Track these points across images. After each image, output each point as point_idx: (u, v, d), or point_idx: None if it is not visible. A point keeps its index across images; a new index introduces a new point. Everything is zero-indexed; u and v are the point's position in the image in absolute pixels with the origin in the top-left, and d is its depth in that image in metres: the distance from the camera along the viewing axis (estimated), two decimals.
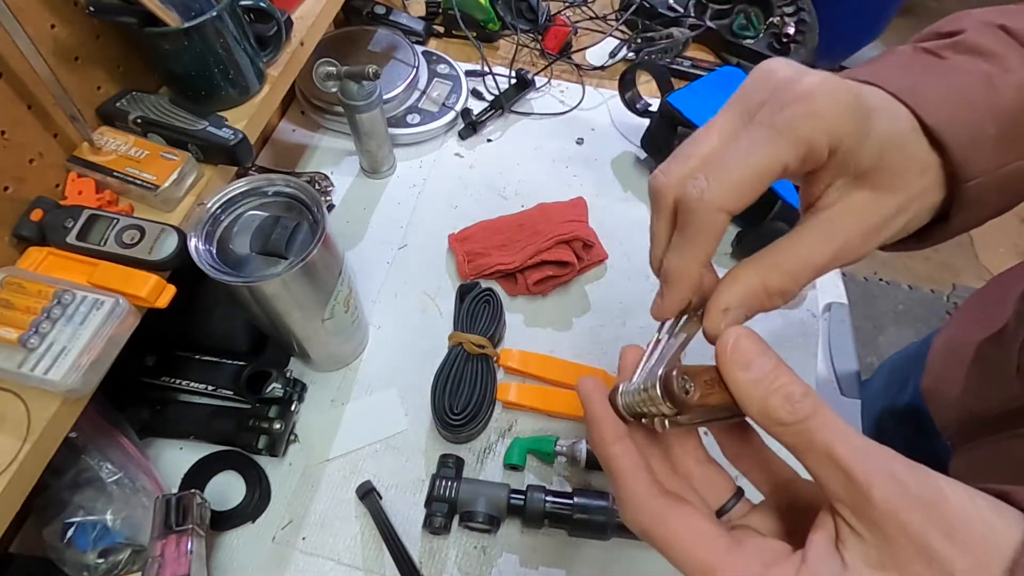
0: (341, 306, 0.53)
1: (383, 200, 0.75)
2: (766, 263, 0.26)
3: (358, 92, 0.66)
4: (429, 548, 0.53)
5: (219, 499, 0.54)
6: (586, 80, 0.88)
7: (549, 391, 0.61)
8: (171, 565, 0.45)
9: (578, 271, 0.68)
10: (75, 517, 0.48)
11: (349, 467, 0.57)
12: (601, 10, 0.95)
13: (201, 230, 0.46)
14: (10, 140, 0.45)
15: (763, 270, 0.26)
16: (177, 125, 0.53)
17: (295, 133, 0.82)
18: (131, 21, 0.48)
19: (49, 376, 0.40)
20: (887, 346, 1.70)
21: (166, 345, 0.59)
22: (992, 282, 0.59)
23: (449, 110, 0.80)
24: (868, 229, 0.26)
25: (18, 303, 0.42)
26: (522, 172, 0.78)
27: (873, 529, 0.20)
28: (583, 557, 0.53)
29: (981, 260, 1.85)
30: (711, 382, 0.24)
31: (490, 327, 0.61)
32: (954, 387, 0.55)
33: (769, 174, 0.24)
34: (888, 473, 0.20)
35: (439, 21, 0.92)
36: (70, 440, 0.46)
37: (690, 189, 0.25)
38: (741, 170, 0.24)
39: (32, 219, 0.46)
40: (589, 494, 0.52)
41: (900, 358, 0.74)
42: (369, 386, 0.62)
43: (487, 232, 0.70)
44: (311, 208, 0.48)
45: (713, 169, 0.25)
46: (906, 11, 2.16)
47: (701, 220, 0.25)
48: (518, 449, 0.56)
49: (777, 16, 0.86)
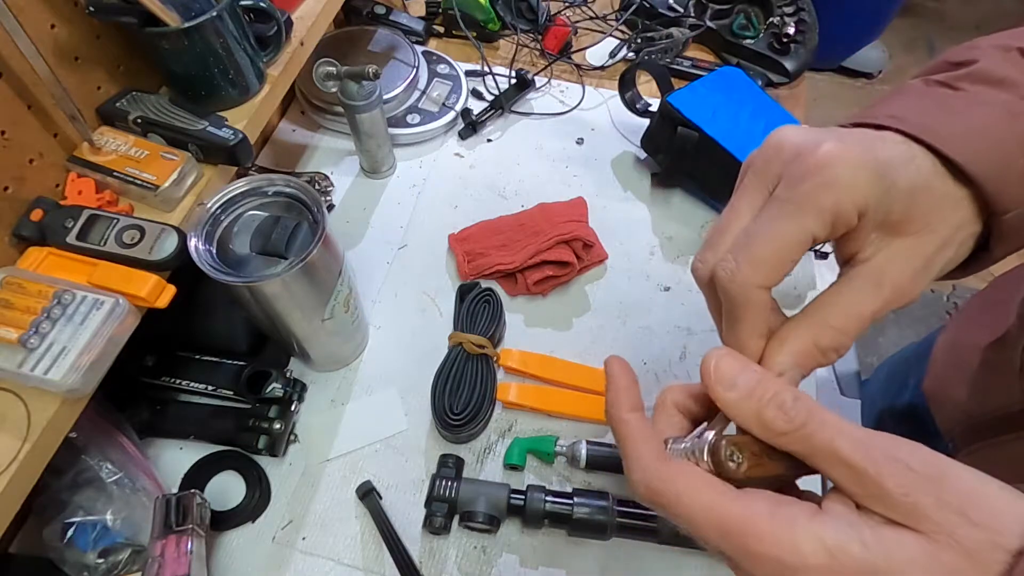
0: (341, 306, 0.53)
1: (383, 200, 0.75)
2: (815, 320, 0.26)
3: (358, 92, 0.66)
4: (429, 548, 0.53)
5: (219, 499, 0.54)
6: (586, 80, 0.88)
7: (549, 391, 0.61)
8: (171, 565, 0.45)
9: (578, 271, 0.68)
10: (75, 517, 0.48)
11: (349, 467, 0.57)
12: (601, 10, 0.95)
13: (201, 230, 0.46)
14: (10, 140, 0.45)
15: (814, 328, 0.26)
16: (177, 125, 0.53)
17: (295, 133, 0.82)
18: (131, 21, 0.48)
19: (49, 376, 0.40)
20: (887, 346, 1.70)
21: (166, 345, 0.59)
22: (994, 283, 0.59)
23: (449, 110, 0.80)
24: (915, 271, 0.26)
25: (18, 303, 0.42)
26: (522, 172, 0.78)
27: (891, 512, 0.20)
28: (583, 557, 0.53)
29: None
30: (759, 454, 0.23)
31: (490, 327, 0.61)
32: (957, 389, 0.55)
33: (798, 246, 0.25)
34: (895, 460, 0.20)
35: (439, 21, 0.92)
36: (70, 440, 0.46)
37: (720, 272, 0.26)
38: (767, 245, 0.25)
39: (32, 219, 0.46)
40: (589, 494, 0.52)
41: (900, 358, 0.74)
42: (369, 386, 0.62)
43: (487, 232, 0.70)
44: (311, 208, 0.48)
45: (741, 249, 0.25)
46: (906, 11, 2.16)
47: (737, 299, 0.26)
48: (518, 449, 0.56)
49: (777, 16, 0.86)
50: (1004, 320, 0.49)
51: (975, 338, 0.53)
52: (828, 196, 0.24)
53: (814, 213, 0.24)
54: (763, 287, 0.25)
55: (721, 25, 0.88)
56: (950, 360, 0.59)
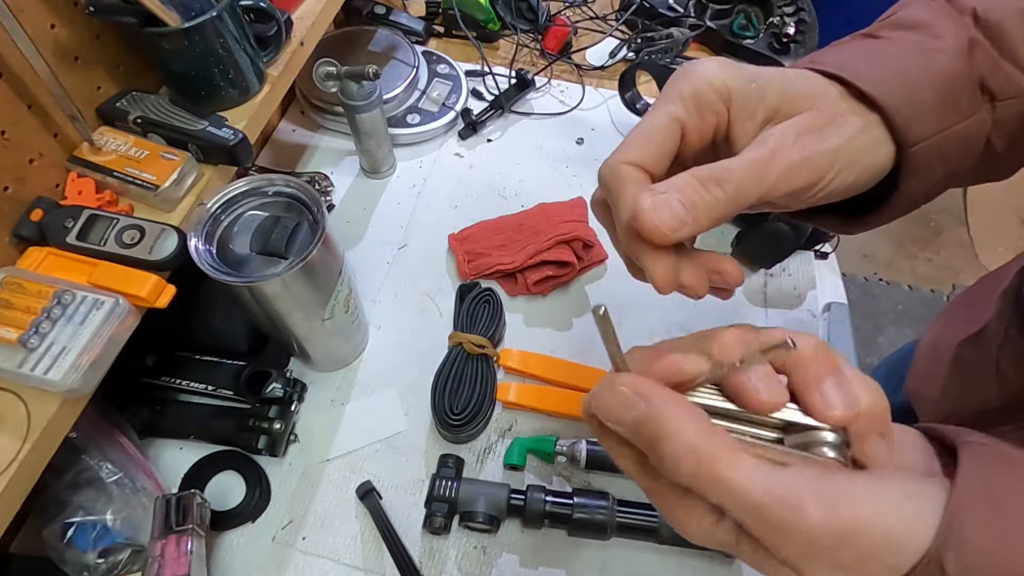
0: (341, 306, 0.53)
1: (383, 200, 0.75)
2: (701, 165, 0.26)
3: (358, 92, 0.66)
4: (429, 548, 0.53)
5: (219, 499, 0.54)
6: (586, 80, 0.88)
7: (549, 391, 0.61)
8: (171, 565, 0.45)
9: (578, 271, 0.68)
10: (75, 517, 0.48)
11: (349, 467, 0.57)
12: (601, 10, 0.95)
13: (201, 230, 0.46)
14: (10, 140, 0.45)
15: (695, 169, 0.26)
16: (177, 125, 0.53)
17: (295, 133, 0.82)
18: (131, 21, 0.48)
19: (49, 376, 0.40)
20: (887, 346, 1.70)
21: (166, 345, 0.59)
22: (979, 282, 0.59)
23: (449, 110, 0.80)
24: (798, 132, 0.26)
25: (18, 303, 0.42)
26: (522, 172, 0.78)
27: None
28: (583, 557, 0.53)
29: (981, 260, 1.85)
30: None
31: (490, 327, 0.61)
32: (934, 387, 0.55)
33: (663, 128, 0.27)
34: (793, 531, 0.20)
35: (439, 21, 0.92)
36: (70, 440, 0.46)
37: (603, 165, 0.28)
38: (639, 131, 0.27)
39: (32, 219, 0.47)
40: (589, 494, 0.52)
41: (897, 357, 0.74)
42: (369, 386, 0.62)
43: (487, 232, 0.70)
44: (311, 208, 0.48)
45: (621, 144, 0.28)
46: None
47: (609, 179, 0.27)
48: (518, 449, 0.56)
49: (777, 16, 0.86)
50: (983, 317, 0.49)
51: (954, 336, 0.53)
52: (685, 83, 0.27)
53: (673, 97, 0.27)
54: (631, 163, 0.26)
55: (721, 25, 0.88)
56: (930, 358, 0.59)
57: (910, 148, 0.27)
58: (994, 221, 0.50)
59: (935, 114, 0.28)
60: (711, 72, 0.27)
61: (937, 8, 0.31)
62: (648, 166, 0.27)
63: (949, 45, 0.29)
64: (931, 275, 1.85)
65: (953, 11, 0.30)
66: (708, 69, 0.27)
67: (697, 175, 0.25)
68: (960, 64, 0.28)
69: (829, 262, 0.72)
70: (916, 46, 0.29)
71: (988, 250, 1.87)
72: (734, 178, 0.25)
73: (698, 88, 0.27)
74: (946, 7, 0.31)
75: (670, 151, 0.27)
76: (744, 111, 0.27)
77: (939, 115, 0.28)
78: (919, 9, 0.31)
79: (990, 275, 0.57)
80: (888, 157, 0.28)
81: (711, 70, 0.27)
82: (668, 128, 0.27)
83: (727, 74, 0.27)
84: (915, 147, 0.27)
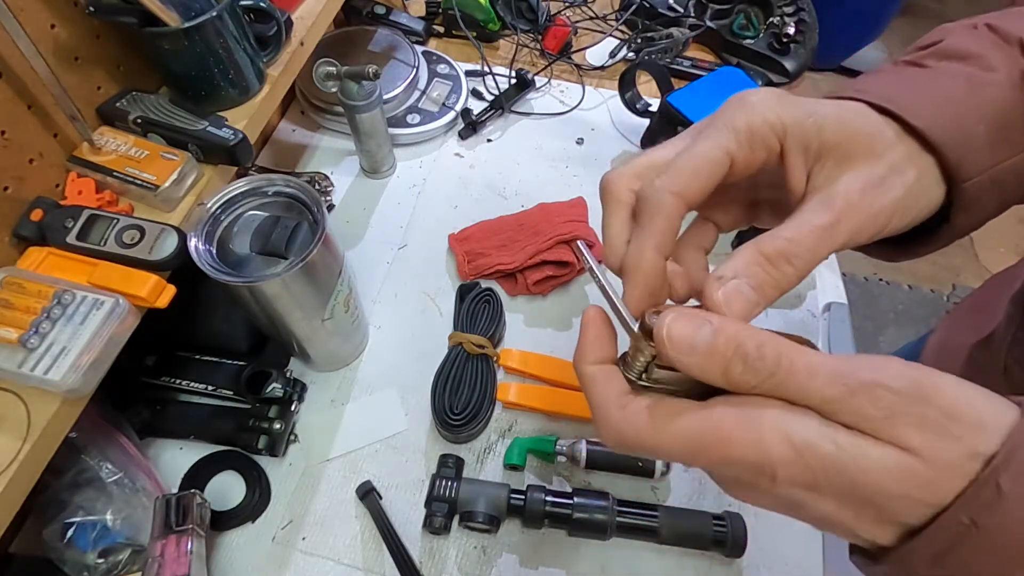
0: (341, 306, 0.53)
1: (383, 200, 0.75)
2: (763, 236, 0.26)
3: (358, 92, 0.66)
4: (429, 548, 0.53)
5: (219, 499, 0.54)
6: (586, 80, 0.88)
7: (549, 391, 0.61)
8: (171, 565, 0.45)
9: (578, 271, 0.68)
10: (75, 517, 0.48)
11: (349, 467, 0.57)
12: (601, 10, 0.95)
13: (201, 230, 0.46)
14: (10, 140, 0.45)
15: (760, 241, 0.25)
16: (177, 125, 0.53)
17: (295, 133, 0.82)
18: (131, 21, 0.48)
19: (49, 376, 0.40)
20: (887, 346, 1.70)
21: (166, 345, 0.59)
22: (985, 285, 0.59)
23: (449, 110, 0.80)
24: (864, 185, 0.26)
25: (18, 303, 0.42)
26: (522, 172, 0.78)
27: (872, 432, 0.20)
28: (583, 557, 0.53)
29: (981, 260, 1.85)
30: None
31: (490, 327, 0.61)
32: None
33: (715, 162, 0.26)
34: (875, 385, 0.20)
35: (439, 21, 0.92)
36: (70, 440, 0.46)
37: (645, 186, 0.27)
38: (687, 160, 0.26)
39: (32, 219, 0.46)
40: (589, 494, 0.52)
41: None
42: (369, 386, 0.62)
43: (487, 232, 0.70)
44: (311, 208, 0.48)
45: (667, 167, 0.27)
46: (906, 11, 2.17)
47: (651, 200, 0.26)
48: (518, 449, 0.56)
49: (777, 16, 0.86)
50: (992, 320, 0.49)
51: (962, 338, 0.53)
52: (741, 115, 0.26)
53: (727, 130, 0.26)
54: (677, 194, 0.26)
55: (721, 25, 0.88)
56: (938, 360, 0.59)
57: (963, 184, 0.27)
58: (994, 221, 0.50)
59: (988, 148, 0.27)
60: (768, 108, 0.26)
61: (984, 38, 0.30)
62: (691, 198, 0.26)
63: (1002, 78, 0.28)
64: (931, 275, 1.85)
65: (1001, 41, 0.30)
66: (765, 104, 0.26)
67: (763, 251, 0.25)
68: (1013, 96, 0.28)
69: (829, 262, 0.72)
70: (966, 78, 0.28)
71: (988, 250, 1.87)
72: (803, 251, 0.25)
73: (754, 124, 0.26)
74: (993, 37, 0.30)
75: (715, 184, 0.27)
76: (798, 145, 0.26)
77: (992, 149, 0.27)
78: (966, 39, 0.30)
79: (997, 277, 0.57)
80: (941, 195, 0.28)
81: (769, 106, 0.26)
82: (719, 163, 0.26)
83: (783, 110, 0.26)
84: (968, 183, 0.27)
